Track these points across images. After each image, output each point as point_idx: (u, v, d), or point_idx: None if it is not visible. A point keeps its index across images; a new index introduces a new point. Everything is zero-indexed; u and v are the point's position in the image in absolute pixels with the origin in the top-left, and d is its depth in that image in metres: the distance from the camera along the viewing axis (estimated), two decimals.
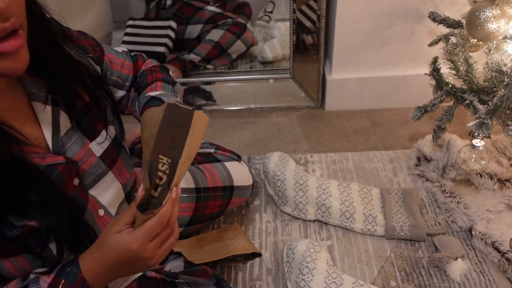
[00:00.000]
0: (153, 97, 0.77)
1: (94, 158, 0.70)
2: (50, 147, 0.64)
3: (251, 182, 1.13)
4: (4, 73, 0.54)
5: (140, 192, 0.61)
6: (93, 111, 0.71)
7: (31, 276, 0.62)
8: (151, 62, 0.90)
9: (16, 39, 0.53)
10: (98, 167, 0.70)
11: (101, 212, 0.71)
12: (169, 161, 0.62)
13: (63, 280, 0.60)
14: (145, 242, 0.59)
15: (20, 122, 0.62)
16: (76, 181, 0.66)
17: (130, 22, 1.91)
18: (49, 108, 0.65)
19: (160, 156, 0.62)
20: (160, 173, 0.61)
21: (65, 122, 0.67)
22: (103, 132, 0.72)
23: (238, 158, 1.14)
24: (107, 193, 0.72)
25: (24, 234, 0.59)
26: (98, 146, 0.71)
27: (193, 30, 1.88)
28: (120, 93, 0.86)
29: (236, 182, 1.08)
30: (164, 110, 0.65)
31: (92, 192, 0.70)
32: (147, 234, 0.59)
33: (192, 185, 0.99)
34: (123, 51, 0.87)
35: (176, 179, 0.63)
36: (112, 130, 0.75)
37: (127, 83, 0.86)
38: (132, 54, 0.90)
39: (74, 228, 0.64)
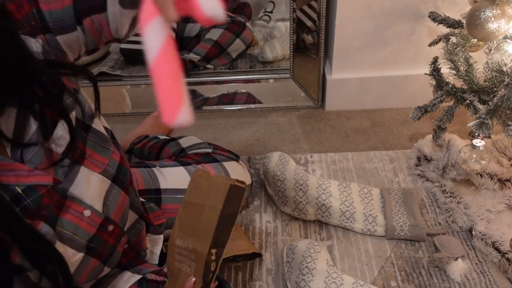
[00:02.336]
0: None
1: (57, 156, 0.62)
2: (9, 156, 0.57)
3: (249, 182, 1.13)
4: None
5: (191, 283, 0.67)
6: (49, 103, 0.61)
7: None
8: None
9: None
10: (63, 163, 0.63)
11: (87, 212, 0.66)
12: (216, 251, 0.67)
13: None
14: None
15: None
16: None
17: None
18: (13, 111, 0.57)
19: (211, 251, 0.66)
20: (208, 278, 0.67)
21: (31, 125, 0.59)
22: (60, 125, 0.62)
23: (237, 158, 1.14)
24: (90, 189, 0.66)
25: None
26: (58, 144, 0.62)
27: (192, 28, 1.88)
28: (79, 35, 0.65)
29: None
30: (227, 191, 0.66)
31: (74, 192, 0.64)
32: None
33: None
34: None
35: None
36: (72, 116, 0.64)
37: (72, 19, 0.64)
38: None
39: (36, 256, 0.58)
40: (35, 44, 0.60)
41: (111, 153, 0.72)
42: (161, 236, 0.93)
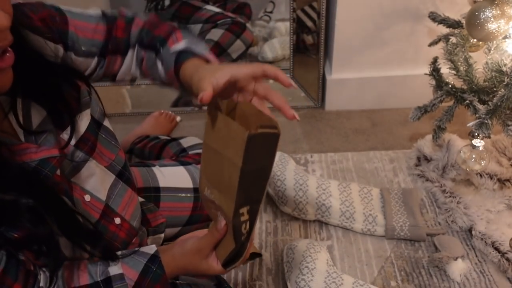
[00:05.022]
0: (183, 51, 0.68)
1: (69, 147, 0.68)
2: (23, 142, 0.63)
3: None
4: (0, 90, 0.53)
5: (222, 226, 0.63)
6: (63, 98, 0.67)
7: (112, 270, 0.66)
8: (141, 19, 0.77)
9: (9, 56, 0.52)
10: (75, 156, 0.68)
11: (87, 197, 0.71)
12: (248, 209, 0.58)
13: (148, 280, 0.67)
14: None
15: None
16: (58, 171, 0.66)
17: None
18: (19, 101, 0.62)
19: (241, 211, 0.58)
20: (243, 237, 0.61)
21: (37, 114, 0.64)
22: (76, 119, 0.69)
23: None
24: (91, 179, 0.71)
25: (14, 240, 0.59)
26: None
27: (193, 29, 1.88)
28: (93, 63, 0.75)
29: None
30: (245, 143, 0.52)
31: (75, 179, 0.69)
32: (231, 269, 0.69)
33: (190, 185, 0.99)
34: (97, 14, 0.75)
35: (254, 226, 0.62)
36: (88, 113, 0.71)
37: (99, 50, 0.75)
38: (109, 13, 0.76)
39: (69, 223, 0.64)
40: (55, 49, 0.67)
41: (118, 151, 0.77)
42: (162, 235, 0.93)
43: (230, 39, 1.80)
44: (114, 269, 0.67)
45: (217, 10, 1.90)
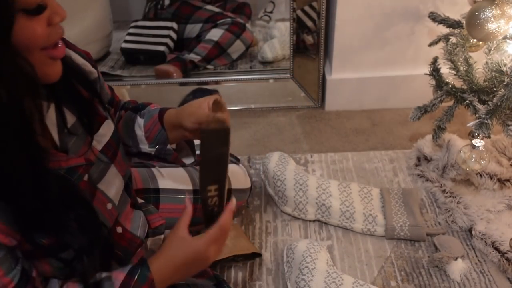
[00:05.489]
0: (165, 108, 0.82)
1: (96, 152, 0.71)
2: (58, 144, 0.64)
3: (248, 186, 1.13)
4: (53, 78, 0.57)
5: (186, 202, 0.75)
6: (92, 105, 0.73)
7: (103, 275, 0.67)
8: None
9: (62, 47, 0.57)
10: (100, 161, 0.71)
11: (109, 206, 0.73)
12: (216, 186, 0.70)
13: (134, 280, 0.67)
14: (210, 245, 0.70)
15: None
16: (86, 177, 0.68)
17: (133, 24, 1.92)
18: (52, 105, 0.65)
19: (208, 188, 0.70)
20: (210, 208, 0.72)
21: (68, 118, 0.67)
22: (104, 125, 0.73)
23: (237, 161, 1.14)
24: (113, 186, 0.74)
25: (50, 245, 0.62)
26: (99, 140, 0.72)
27: (193, 29, 1.88)
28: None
29: (234, 185, 1.08)
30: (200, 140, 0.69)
31: (100, 186, 0.71)
32: (213, 239, 0.71)
33: (190, 187, 0.99)
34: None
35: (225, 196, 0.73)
36: (111, 123, 0.75)
37: (107, 100, 0.88)
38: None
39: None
40: (91, 70, 0.75)
41: (128, 163, 0.82)
42: (162, 237, 0.93)
43: (230, 40, 1.80)
44: (104, 273, 0.69)
45: (217, 10, 1.90)
